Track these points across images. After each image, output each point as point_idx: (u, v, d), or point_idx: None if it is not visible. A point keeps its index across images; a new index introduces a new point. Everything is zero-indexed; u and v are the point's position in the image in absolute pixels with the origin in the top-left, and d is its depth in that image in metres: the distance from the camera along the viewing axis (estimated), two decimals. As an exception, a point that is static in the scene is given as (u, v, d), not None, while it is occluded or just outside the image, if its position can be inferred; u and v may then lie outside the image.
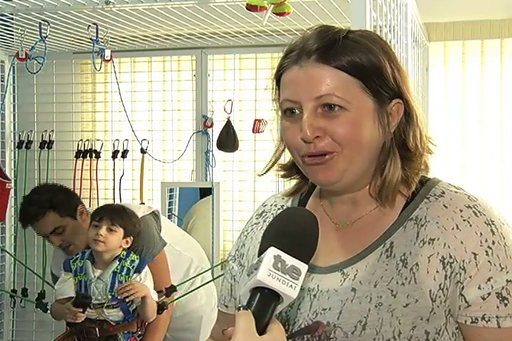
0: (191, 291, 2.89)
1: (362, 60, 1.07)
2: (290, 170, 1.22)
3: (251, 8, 2.13)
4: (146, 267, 2.57)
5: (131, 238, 2.60)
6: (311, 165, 1.09)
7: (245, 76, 3.78)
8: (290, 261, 0.91)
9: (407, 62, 2.51)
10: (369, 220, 1.13)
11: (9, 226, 3.92)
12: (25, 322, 3.94)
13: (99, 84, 4.02)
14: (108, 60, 3.17)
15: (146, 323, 2.62)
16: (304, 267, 0.92)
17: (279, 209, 1.26)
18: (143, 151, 3.62)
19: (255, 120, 3.56)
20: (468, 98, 3.68)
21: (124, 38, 3.45)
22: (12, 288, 3.87)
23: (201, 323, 3.00)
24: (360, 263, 1.07)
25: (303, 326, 1.07)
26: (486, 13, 3.57)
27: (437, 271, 1.02)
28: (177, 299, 2.82)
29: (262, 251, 0.94)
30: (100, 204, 3.59)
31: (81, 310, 2.44)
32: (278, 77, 1.16)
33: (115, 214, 2.55)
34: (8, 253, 3.86)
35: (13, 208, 3.91)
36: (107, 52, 3.11)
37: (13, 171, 3.91)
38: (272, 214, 1.26)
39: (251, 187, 3.68)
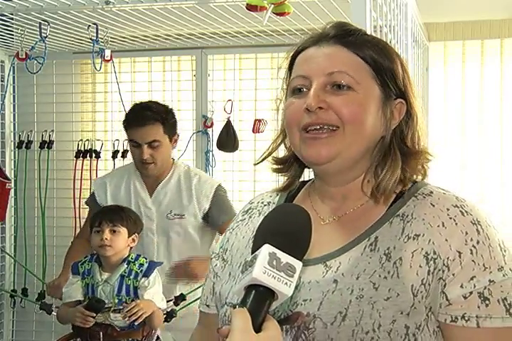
0: (192, 291, 2.87)
1: (377, 54, 1.11)
2: (284, 164, 1.22)
3: (251, 8, 2.14)
4: (155, 271, 2.52)
5: (137, 235, 2.57)
6: (308, 140, 1.09)
7: (245, 76, 3.78)
8: (285, 258, 0.91)
9: (407, 62, 2.51)
10: (355, 215, 1.13)
11: (9, 226, 3.92)
12: (25, 322, 3.94)
13: (99, 84, 4.02)
14: (108, 60, 3.17)
15: (153, 331, 2.57)
16: (298, 264, 0.92)
17: (265, 205, 1.26)
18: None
19: (255, 120, 3.56)
20: (468, 98, 3.68)
21: (124, 38, 3.45)
22: (12, 288, 3.87)
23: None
24: (344, 256, 1.07)
25: (282, 317, 1.07)
26: (486, 13, 3.57)
27: (420, 266, 1.02)
28: (186, 306, 2.80)
29: (255, 248, 0.94)
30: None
31: (94, 314, 2.41)
32: (293, 59, 1.16)
33: (113, 215, 2.52)
34: (8, 254, 3.86)
35: (13, 208, 3.91)
36: (107, 52, 3.11)
37: (13, 171, 3.92)
38: (258, 210, 1.26)
39: (251, 187, 3.68)
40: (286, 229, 0.95)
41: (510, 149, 3.65)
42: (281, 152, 1.25)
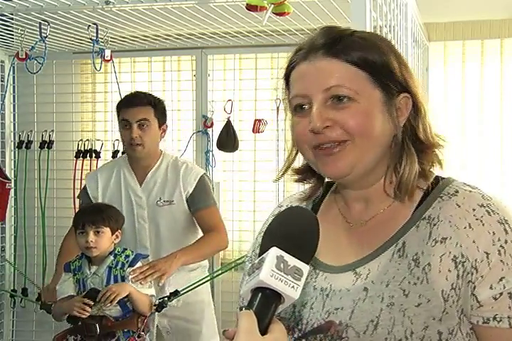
0: (193, 288, 2.88)
1: (369, 54, 1.09)
2: (304, 173, 1.21)
3: (251, 8, 2.14)
4: (140, 263, 2.61)
5: (119, 231, 2.64)
6: (322, 157, 1.09)
7: (245, 76, 3.78)
8: (292, 261, 0.91)
9: (407, 62, 2.50)
10: (382, 219, 1.12)
11: (9, 226, 3.92)
12: (25, 322, 3.94)
13: (99, 84, 4.02)
14: (108, 60, 3.17)
15: (145, 321, 2.63)
16: (305, 268, 0.92)
17: None
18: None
19: (255, 120, 3.56)
20: (468, 98, 3.68)
21: (124, 38, 3.45)
22: (12, 288, 3.87)
23: (203, 316, 3.03)
24: (373, 263, 1.07)
25: (315, 325, 1.06)
26: (486, 13, 3.57)
27: (449, 271, 1.01)
28: (177, 296, 2.82)
29: (263, 251, 0.94)
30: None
31: (92, 302, 2.47)
32: (287, 76, 1.16)
33: (95, 216, 2.57)
34: (8, 261, 3.85)
35: (13, 208, 3.91)
36: (107, 52, 3.11)
37: (13, 171, 3.92)
38: None
39: (251, 187, 3.68)
40: (293, 233, 0.95)
41: (510, 149, 3.65)
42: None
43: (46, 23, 2.81)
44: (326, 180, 1.23)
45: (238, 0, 2.53)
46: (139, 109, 2.85)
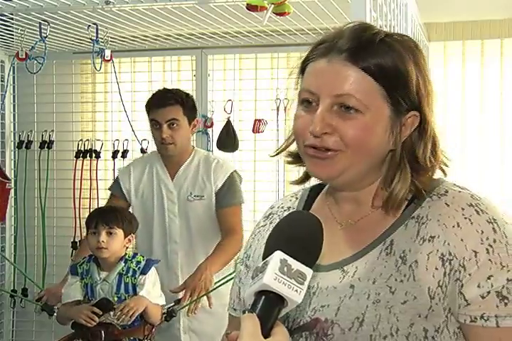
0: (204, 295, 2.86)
1: (390, 65, 1.06)
2: (297, 157, 1.21)
3: (251, 8, 2.14)
4: (153, 269, 2.55)
5: (133, 235, 2.60)
6: (312, 157, 1.09)
7: (245, 76, 3.78)
8: (296, 265, 0.91)
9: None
10: (372, 219, 1.12)
11: (9, 226, 3.92)
12: (25, 322, 3.94)
13: (99, 84, 4.02)
14: (108, 60, 3.18)
15: (154, 329, 2.59)
16: (309, 272, 0.92)
17: (285, 210, 1.26)
18: (143, 151, 3.62)
19: (255, 120, 3.56)
20: (468, 98, 3.68)
21: (124, 38, 3.45)
22: (12, 288, 3.87)
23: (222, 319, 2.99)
24: (360, 261, 1.07)
25: (302, 323, 1.07)
26: (486, 13, 3.57)
27: (436, 268, 1.01)
28: (190, 303, 2.79)
29: (267, 254, 0.94)
30: (100, 205, 3.60)
31: (100, 312, 2.42)
32: (303, 67, 1.14)
33: (109, 217, 2.53)
34: (8, 260, 3.85)
35: (13, 208, 3.92)
36: (107, 52, 3.11)
37: (13, 171, 3.92)
38: (279, 215, 1.26)
39: (251, 187, 3.67)
40: (297, 236, 0.95)
41: (510, 149, 3.65)
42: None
43: (46, 23, 2.81)
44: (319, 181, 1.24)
45: (238, 0, 2.53)
46: (169, 109, 2.88)
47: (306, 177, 1.23)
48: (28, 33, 3.05)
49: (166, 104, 2.88)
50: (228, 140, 3.57)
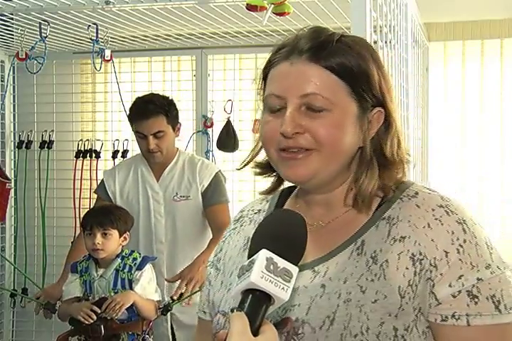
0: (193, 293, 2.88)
1: (352, 64, 1.08)
2: (266, 168, 1.22)
3: (251, 8, 2.14)
4: (149, 265, 2.60)
5: (128, 233, 2.64)
6: (285, 160, 1.09)
7: (245, 76, 3.78)
8: (282, 263, 0.91)
9: (407, 62, 2.51)
10: (342, 221, 1.13)
11: (9, 226, 3.92)
12: (25, 322, 3.94)
13: (99, 84, 4.02)
14: (108, 60, 3.18)
15: (151, 323, 2.64)
16: (294, 270, 0.92)
17: (255, 213, 1.27)
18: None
19: (255, 120, 3.56)
20: (468, 98, 3.68)
21: (124, 38, 3.45)
22: (12, 287, 3.87)
23: None
24: (331, 261, 1.08)
25: (272, 323, 1.05)
26: (486, 13, 3.57)
27: (407, 268, 1.02)
28: (183, 299, 2.81)
29: (252, 253, 0.94)
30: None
31: (99, 310, 2.47)
32: (266, 72, 1.15)
33: (103, 218, 2.57)
34: (8, 261, 3.85)
35: (13, 208, 3.92)
36: (107, 52, 3.11)
37: (13, 171, 3.92)
38: (249, 218, 1.27)
39: (251, 187, 3.67)
40: (282, 235, 0.96)
41: (510, 149, 3.65)
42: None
43: (46, 23, 2.81)
44: (289, 184, 1.24)
45: (238, 0, 2.53)
46: (152, 121, 2.87)
47: (275, 186, 1.24)
48: (28, 33, 3.05)
49: (149, 116, 2.87)
50: (228, 140, 3.57)
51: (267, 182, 1.26)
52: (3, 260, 3.90)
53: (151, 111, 2.87)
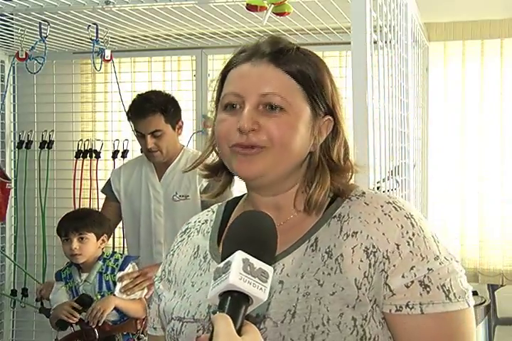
0: None
1: (310, 72, 1.14)
2: (213, 171, 1.25)
3: (251, 8, 2.14)
4: (131, 265, 2.62)
5: (106, 236, 2.65)
6: (238, 156, 1.12)
7: (245, 76, 3.78)
8: (258, 264, 0.92)
9: (407, 62, 2.51)
10: (294, 222, 1.17)
11: (9, 226, 3.92)
12: (25, 322, 3.94)
13: (99, 84, 4.02)
14: (108, 60, 3.17)
15: (145, 321, 2.64)
16: (270, 270, 0.93)
17: (203, 223, 1.29)
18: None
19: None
20: (468, 98, 3.68)
21: (124, 38, 3.45)
22: (12, 288, 3.88)
23: None
24: (287, 259, 1.11)
25: None
26: (486, 13, 3.57)
27: (361, 261, 1.07)
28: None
29: (226, 255, 0.94)
30: (100, 205, 3.60)
31: (80, 307, 2.49)
32: (224, 74, 1.19)
33: (78, 223, 2.58)
34: (8, 257, 3.86)
35: (13, 208, 3.91)
36: (107, 52, 3.11)
37: (13, 171, 3.92)
38: (196, 229, 1.29)
39: (251, 187, 3.67)
40: (254, 236, 0.97)
41: (510, 149, 3.65)
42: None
43: (46, 23, 2.81)
44: (235, 195, 1.28)
45: (238, 0, 2.53)
46: (149, 120, 2.85)
47: (221, 190, 1.27)
48: (28, 33, 3.05)
49: (146, 115, 2.85)
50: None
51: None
52: (3, 260, 3.90)
53: (147, 109, 2.85)
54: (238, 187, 1.39)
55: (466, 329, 1.07)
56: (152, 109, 2.85)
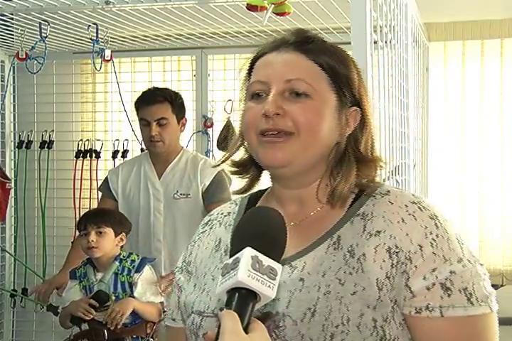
0: None
1: (335, 61, 1.14)
2: (242, 167, 1.24)
3: (251, 8, 2.14)
4: (148, 267, 2.59)
5: (124, 235, 2.63)
6: (265, 144, 1.11)
7: (245, 76, 3.78)
8: (266, 261, 0.91)
9: (407, 62, 2.51)
10: (316, 219, 1.15)
11: (9, 226, 3.92)
12: (25, 322, 3.94)
13: (99, 84, 4.02)
14: (108, 60, 3.18)
15: (155, 326, 2.61)
16: (279, 267, 0.92)
17: (225, 215, 1.27)
18: (143, 151, 3.62)
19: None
20: (468, 98, 3.68)
21: (124, 38, 3.46)
22: (12, 287, 3.88)
23: None
24: (308, 256, 1.10)
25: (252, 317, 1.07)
26: (486, 13, 3.57)
27: (384, 261, 1.05)
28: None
29: (234, 251, 0.94)
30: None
31: (97, 304, 2.46)
32: (252, 63, 1.18)
33: (97, 218, 2.58)
34: (9, 253, 3.86)
35: (13, 208, 3.92)
36: (107, 52, 3.12)
37: (13, 171, 3.92)
38: (218, 221, 1.27)
39: (251, 187, 3.67)
40: (263, 232, 0.96)
41: (510, 149, 3.65)
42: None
43: (46, 23, 2.81)
44: (254, 190, 1.26)
45: (238, 0, 2.53)
46: (157, 107, 2.90)
47: (249, 186, 1.25)
48: (28, 33, 3.05)
49: (154, 101, 2.91)
50: (228, 140, 3.57)
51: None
52: (3, 260, 3.90)
53: (157, 96, 2.93)
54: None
55: (489, 334, 1.05)
56: (161, 96, 2.93)
